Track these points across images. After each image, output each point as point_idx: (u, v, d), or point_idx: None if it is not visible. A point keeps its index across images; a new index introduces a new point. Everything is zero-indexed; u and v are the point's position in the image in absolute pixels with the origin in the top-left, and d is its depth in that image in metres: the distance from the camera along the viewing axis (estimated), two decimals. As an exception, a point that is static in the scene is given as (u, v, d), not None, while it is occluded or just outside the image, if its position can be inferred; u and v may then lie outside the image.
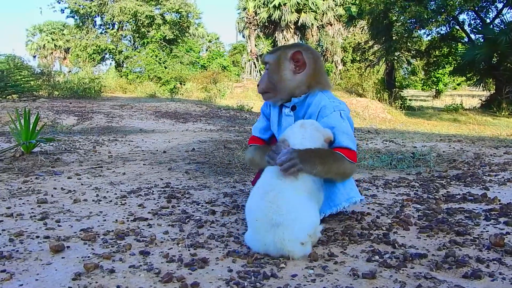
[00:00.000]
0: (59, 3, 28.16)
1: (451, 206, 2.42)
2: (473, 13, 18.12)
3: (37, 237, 1.88)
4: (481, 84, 17.43)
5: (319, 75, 2.12)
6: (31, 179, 3.16)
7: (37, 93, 13.74)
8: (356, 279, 1.46)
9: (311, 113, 2.06)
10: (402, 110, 16.08)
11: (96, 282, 1.42)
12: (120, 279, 1.45)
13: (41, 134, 4.70)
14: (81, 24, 30.12)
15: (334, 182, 1.99)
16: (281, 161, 1.72)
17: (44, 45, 50.02)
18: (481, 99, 17.90)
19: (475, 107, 17.15)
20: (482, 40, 16.70)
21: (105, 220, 2.15)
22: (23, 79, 13.14)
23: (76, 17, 29.84)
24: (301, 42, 31.88)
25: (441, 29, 18.95)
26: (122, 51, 29.60)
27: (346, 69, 28.70)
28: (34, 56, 50.32)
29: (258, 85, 2.17)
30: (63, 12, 29.31)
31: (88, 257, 1.65)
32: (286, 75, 2.08)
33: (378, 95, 18.24)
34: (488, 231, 1.95)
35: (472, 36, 18.35)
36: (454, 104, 17.34)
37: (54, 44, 49.83)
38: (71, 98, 13.91)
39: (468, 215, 2.21)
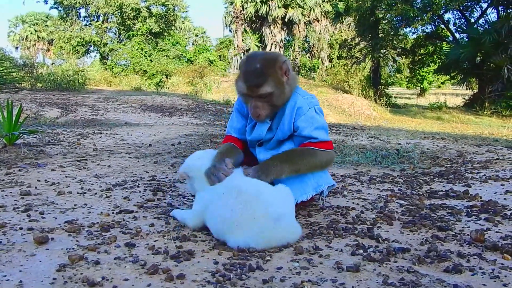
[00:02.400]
0: (43, -7, 27.72)
1: (433, 202, 2.46)
2: (458, 12, 18.36)
3: (21, 228, 1.86)
4: (465, 83, 17.67)
5: (292, 76, 2.11)
6: (14, 171, 3.12)
7: (19, 85, 13.52)
8: (340, 272, 1.48)
9: (288, 117, 2.09)
10: (387, 107, 16.25)
11: (81, 274, 1.41)
12: (105, 270, 1.45)
13: (24, 126, 4.64)
14: (65, 15, 29.70)
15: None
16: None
17: (26, 36, 49.17)
18: (464, 98, 18.16)
19: (459, 105, 17.39)
20: (467, 39, 16.95)
21: (90, 212, 2.14)
22: (5, 71, 12.90)
23: (60, 8, 29.40)
24: (288, 38, 31.88)
25: (427, 28, 19.20)
26: (107, 43, 29.27)
27: (332, 65, 28.86)
28: (17, 48, 49.51)
29: (257, 116, 2.04)
30: (47, 3, 28.82)
31: (73, 248, 1.64)
32: (286, 92, 2.05)
33: (364, 92, 18.41)
34: (469, 227, 1.99)
35: (457, 35, 18.62)
36: (438, 102, 17.58)
37: (37, 36, 49.02)
38: (54, 91, 13.73)
39: (450, 211, 2.24)
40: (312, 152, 2.06)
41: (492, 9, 17.48)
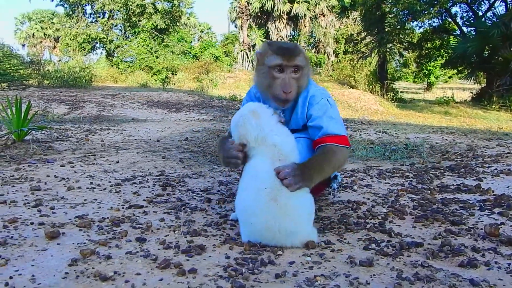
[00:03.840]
0: (48, -9, 27.85)
1: (445, 196, 2.43)
2: (466, 5, 18.15)
3: (32, 223, 1.86)
4: (472, 77, 17.47)
5: None
6: (23, 166, 3.13)
7: (27, 82, 13.57)
8: (353, 266, 1.46)
9: (301, 106, 2.04)
10: (393, 102, 16.11)
11: (93, 268, 1.41)
12: (117, 265, 1.44)
13: (32, 123, 4.65)
14: (71, 12, 29.82)
15: None
16: (284, 176, 1.67)
17: (33, 33, 49.27)
18: (472, 92, 17.97)
19: (466, 100, 17.22)
20: (474, 33, 16.76)
21: (100, 208, 2.13)
22: (13, 68, 12.96)
23: (65, 5, 29.52)
24: (294, 33, 31.79)
25: (434, 21, 18.98)
26: (113, 40, 29.35)
27: (338, 60, 28.69)
28: (23, 45, 49.65)
29: (288, 92, 1.91)
30: (53, 1, 29.01)
31: (84, 243, 1.64)
32: (308, 76, 2.04)
33: (370, 87, 18.26)
34: (482, 221, 1.97)
35: (464, 28, 18.40)
36: (445, 97, 17.41)
37: (44, 33, 49.11)
38: (61, 87, 13.79)
39: (462, 205, 2.22)
40: (335, 151, 1.92)
41: (500, 1, 17.26)
